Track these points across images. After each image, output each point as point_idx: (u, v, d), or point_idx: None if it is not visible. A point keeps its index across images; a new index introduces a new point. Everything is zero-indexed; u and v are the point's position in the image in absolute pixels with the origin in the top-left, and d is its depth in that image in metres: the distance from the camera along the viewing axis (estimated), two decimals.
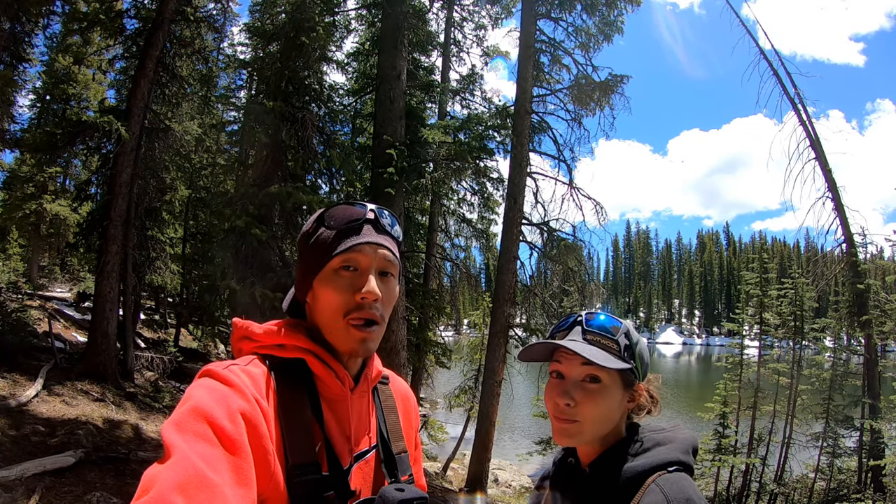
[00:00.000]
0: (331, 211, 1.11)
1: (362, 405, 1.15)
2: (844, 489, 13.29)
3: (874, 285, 14.26)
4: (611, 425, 1.24)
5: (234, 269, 9.01)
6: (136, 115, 10.67)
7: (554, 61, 12.19)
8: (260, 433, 0.89)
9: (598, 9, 12.07)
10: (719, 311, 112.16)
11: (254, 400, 0.91)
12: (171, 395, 11.32)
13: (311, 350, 1.05)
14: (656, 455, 1.17)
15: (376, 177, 9.74)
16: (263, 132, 9.47)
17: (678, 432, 1.25)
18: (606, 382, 1.21)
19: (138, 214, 12.13)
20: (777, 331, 15.06)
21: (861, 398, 13.75)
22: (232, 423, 0.85)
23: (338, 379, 1.07)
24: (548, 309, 11.96)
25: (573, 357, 1.22)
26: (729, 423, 13.75)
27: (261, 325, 1.08)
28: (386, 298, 1.09)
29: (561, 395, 1.21)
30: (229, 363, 0.99)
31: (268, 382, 0.98)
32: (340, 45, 13.48)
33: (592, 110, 11.79)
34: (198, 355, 17.29)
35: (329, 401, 1.07)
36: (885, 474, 12.35)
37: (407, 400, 1.35)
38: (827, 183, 15.28)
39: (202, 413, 0.84)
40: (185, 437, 0.81)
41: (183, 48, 12.15)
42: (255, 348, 1.05)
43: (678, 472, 1.14)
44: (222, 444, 0.82)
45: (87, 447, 7.03)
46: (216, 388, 0.90)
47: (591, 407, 1.20)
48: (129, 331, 11.67)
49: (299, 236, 1.17)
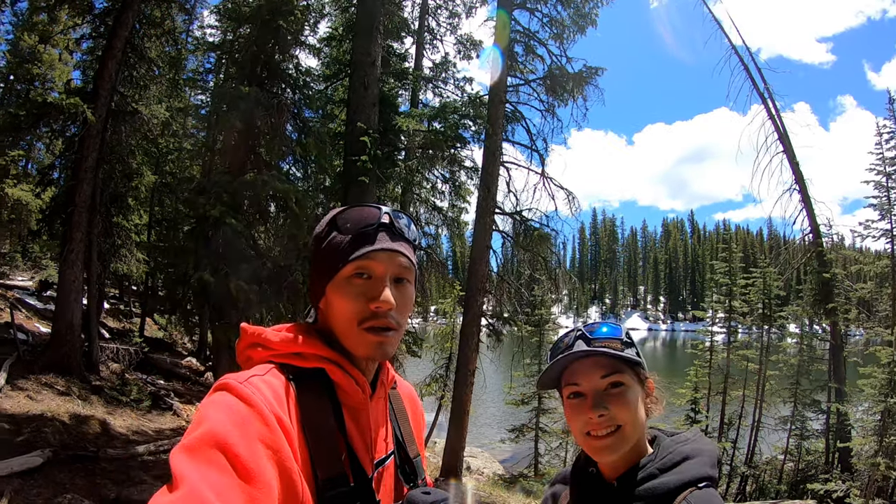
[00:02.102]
0: (344, 214, 1.07)
1: (379, 411, 1.12)
2: (812, 470, 13.87)
3: (839, 274, 14.87)
4: (643, 427, 1.24)
5: (206, 259, 8.86)
6: (103, 98, 10.35)
7: (528, 51, 12.24)
8: (283, 457, 0.84)
9: (573, 1, 12.14)
10: (684, 298, 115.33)
11: (274, 420, 0.86)
12: (137, 387, 11.10)
13: (331, 358, 1.02)
14: (687, 471, 1.16)
15: (349, 164, 9.62)
16: (237, 118, 9.26)
17: (702, 443, 1.24)
18: (628, 383, 1.21)
19: (103, 200, 11.79)
20: (746, 318, 15.57)
21: (827, 382, 14.43)
22: (248, 451, 0.80)
23: (358, 386, 1.04)
24: (519, 297, 12.11)
25: (591, 371, 1.21)
26: (700, 409, 14.21)
27: (275, 332, 1.03)
28: (401, 305, 1.05)
29: (591, 408, 1.19)
30: (249, 374, 0.93)
31: (289, 395, 0.94)
32: (315, 28, 13.28)
33: (566, 101, 11.90)
34: (163, 345, 17.00)
35: (350, 409, 1.04)
36: (852, 455, 12.86)
37: (414, 402, 1.33)
38: (794, 175, 15.84)
39: (216, 438, 0.79)
40: (196, 465, 0.76)
41: (152, 29, 11.83)
42: (270, 357, 1.00)
43: (708, 487, 1.14)
44: (237, 472, 0.77)
45: (55, 445, 6.89)
46: (234, 408, 0.85)
47: (625, 410, 1.19)
48: (93, 321, 11.38)
49: (311, 239, 1.13)
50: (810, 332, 15.80)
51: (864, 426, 12.86)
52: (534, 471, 14.66)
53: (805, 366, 14.65)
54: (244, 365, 1.04)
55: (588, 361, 1.22)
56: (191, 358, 16.29)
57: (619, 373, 1.21)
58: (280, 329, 1.05)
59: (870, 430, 12.12)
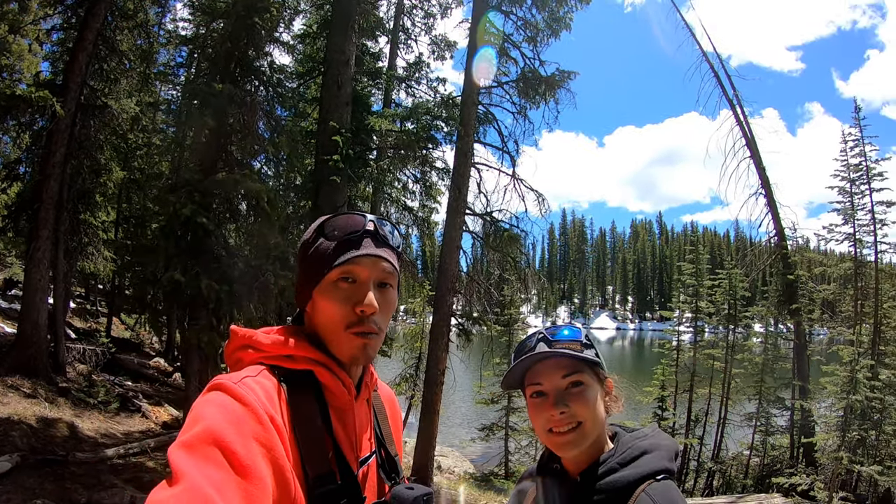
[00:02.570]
0: (332, 221, 1.12)
1: (363, 412, 1.17)
2: (777, 464, 14.19)
3: (803, 275, 15.30)
4: (603, 424, 1.31)
5: (177, 258, 8.73)
6: (73, 91, 10.13)
7: (502, 54, 12.29)
8: (276, 455, 0.88)
9: (548, 4, 12.22)
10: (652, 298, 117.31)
11: (268, 419, 0.89)
12: (105, 388, 10.88)
13: (320, 361, 1.05)
14: (645, 464, 1.22)
15: (321, 164, 9.56)
16: (209, 115, 9.13)
17: (661, 438, 1.30)
18: (587, 382, 1.28)
19: (71, 197, 11.51)
20: (712, 318, 15.91)
21: (791, 380, 14.81)
22: (244, 448, 0.83)
23: (344, 388, 1.08)
24: (489, 297, 12.18)
25: (552, 371, 1.28)
26: (667, 406, 14.47)
27: (266, 335, 1.07)
28: (384, 309, 1.10)
29: (552, 406, 1.26)
30: (242, 375, 0.97)
31: (280, 396, 0.97)
32: (290, 25, 13.15)
33: (538, 103, 11.97)
34: (131, 346, 16.69)
35: (336, 409, 1.08)
36: (816, 450, 13.26)
37: (393, 404, 1.38)
38: (760, 179, 16.24)
39: (213, 435, 0.82)
40: (195, 461, 0.78)
41: (124, 21, 11.63)
42: (261, 358, 1.04)
43: (665, 479, 1.20)
44: (234, 468, 0.80)
45: (24, 450, 6.77)
46: (229, 407, 0.88)
47: (585, 407, 1.26)
48: (59, 321, 11.12)
49: (299, 245, 1.17)
50: (775, 332, 16.21)
51: (827, 422, 13.23)
52: (504, 469, 14.76)
53: (770, 364, 15.03)
54: (234, 366, 1.07)
55: (549, 362, 1.29)
56: (159, 358, 16.02)
57: (579, 372, 1.28)
58: (270, 332, 1.08)
59: (833, 426, 12.48)
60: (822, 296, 15.55)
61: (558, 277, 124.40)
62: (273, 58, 11.04)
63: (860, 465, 11.13)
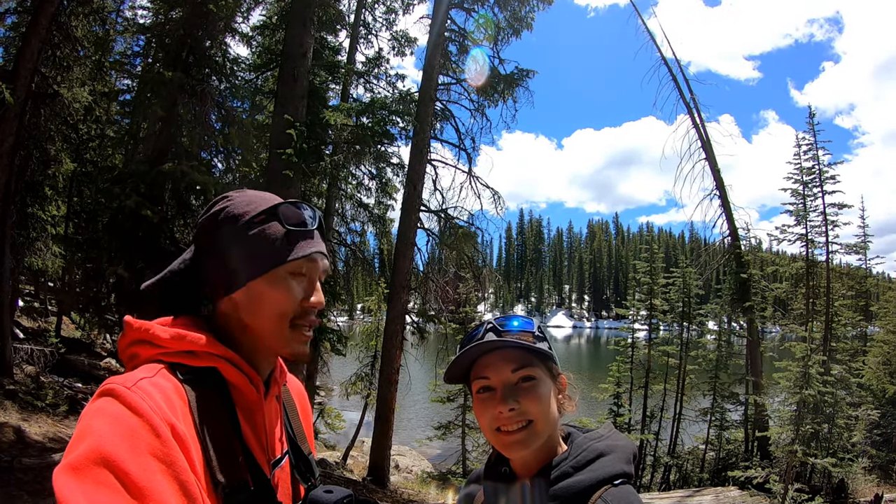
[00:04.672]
0: (282, 208, 1.04)
1: (272, 410, 1.09)
2: (733, 458, 14.54)
3: (755, 274, 15.67)
4: (555, 424, 1.21)
5: (121, 253, 8.48)
6: (24, 78, 9.63)
7: (462, 51, 12.36)
8: (178, 470, 0.78)
9: (510, 3, 12.29)
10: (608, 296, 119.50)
11: (167, 430, 0.80)
12: (54, 391, 10.52)
13: (225, 356, 0.97)
14: (601, 468, 1.13)
15: (274, 157, 9.39)
16: (159, 104, 8.88)
17: (617, 439, 1.21)
18: (539, 377, 1.18)
19: (19, 189, 11.10)
20: (666, 315, 16.20)
21: (745, 376, 15.13)
22: (139, 467, 0.74)
23: (252, 385, 1.00)
24: (444, 295, 12.18)
25: (501, 364, 1.17)
26: (623, 402, 14.63)
27: (164, 328, 0.96)
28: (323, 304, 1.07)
29: (501, 402, 1.15)
30: (137, 377, 0.86)
31: (181, 398, 0.88)
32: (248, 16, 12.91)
33: (496, 101, 12.10)
34: (82, 346, 16.11)
35: (244, 409, 0.99)
36: (770, 444, 13.62)
37: (302, 397, 1.31)
38: (715, 181, 16.61)
39: (103, 454, 0.73)
40: (82, 487, 0.71)
41: (80, 6, 11.16)
42: (158, 355, 0.94)
43: (623, 484, 1.11)
44: (129, 491, 0.72)
45: None
46: (121, 418, 0.78)
47: (536, 403, 1.15)
48: (6, 320, 10.68)
49: (225, 219, 1.03)
50: (728, 329, 16.55)
51: (780, 416, 13.49)
52: (462, 468, 14.76)
53: (723, 360, 15.32)
54: (128, 363, 0.97)
55: (498, 354, 1.18)
56: (110, 359, 15.53)
57: (530, 366, 1.17)
58: (166, 322, 0.99)
59: (786, 420, 12.72)
60: (775, 294, 16.00)
61: (515, 276, 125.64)
62: (229, 48, 10.85)
63: (814, 457, 11.41)
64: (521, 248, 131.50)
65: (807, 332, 13.69)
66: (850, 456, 12.71)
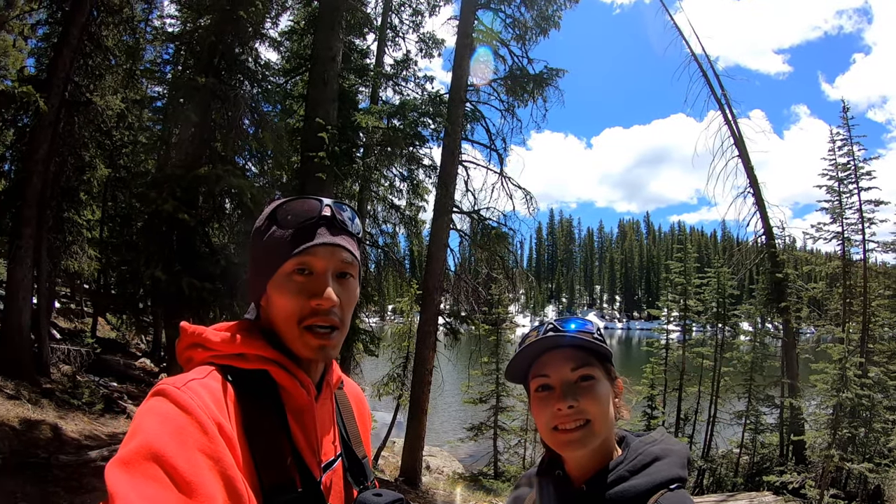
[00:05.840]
0: (285, 206, 1.03)
1: (325, 413, 1.09)
2: (767, 462, 14.27)
3: (791, 274, 15.36)
4: (612, 425, 1.19)
5: (158, 256, 8.61)
6: (57, 87, 9.93)
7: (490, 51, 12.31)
8: (225, 466, 0.80)
9: (537, 2, 12.24)
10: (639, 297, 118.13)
11: (214, 428, 0.82)
12: (90, 390, 10.71)
13: (274, 359, 0.98)
14: (657, 472, 1.12)
15: (306, 160, 9.49)
16: (192, 110, 9.02)
17: (671, 443, 1.20)
18: (598, 376, 1.18)
19: (54, 195, 11.36)
20: (700, 316, 15.96)
21: (780, 378, 14.87)
22: (187, 462, 0.76)
23: (302, 388, 1.00)
24: (476, 296, 12.15)
25: (560, 363, 1.17)
26: (657, 405, 14.49)
27: (216, 332, 0.99)
28: (345, 301, 1.03)
29: (559, 399, 1.14)
30: (187, 378, 0.88)
31: (230, 399, 0.90)
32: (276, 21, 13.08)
33: (525, 101, 12.03)
34: (117, 346, 16.46)
35: (294, 411, 1.00)
36: (806, 448, 13.35)
37: (361, 402, 1.30)
38: (749, 179, 16.31)
39: (152, 450, 0.75)
40: (132, 480, 0.73)
41: (110, 16, 11.44)
42: (210, 358, 0.96)
43: (679, 489, 1.10)
44: (176, 486, 0.73)
45: (4, 452, 6.61)
46: (170, 416, 0.80)
47: (594, 403, 1.15)
48: (43, 321, 10.96)
49: (252, 232, 1.08)
50: (763, 330, 16.21)
51: (816, 420, 13.23)
52: (493, 469, 14.74)
53: (758, 362, 15.04)
54: (185, 366, 1.00)
55: (557, 353, 1.18)
56: (145, 359, 15.85)
57: (589, 366, 1.17)
58: (220, 328, 1.01)
59: (822, 424, 12.49)
60: (810, 294, 15.64)
61: (546, 277, 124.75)
62: (259, 53, 10.97)
63: (850, 462, 11.17)
64: (551, 248, 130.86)
65: (843, 333, 13.38)
66: (887, 461, 12.36)
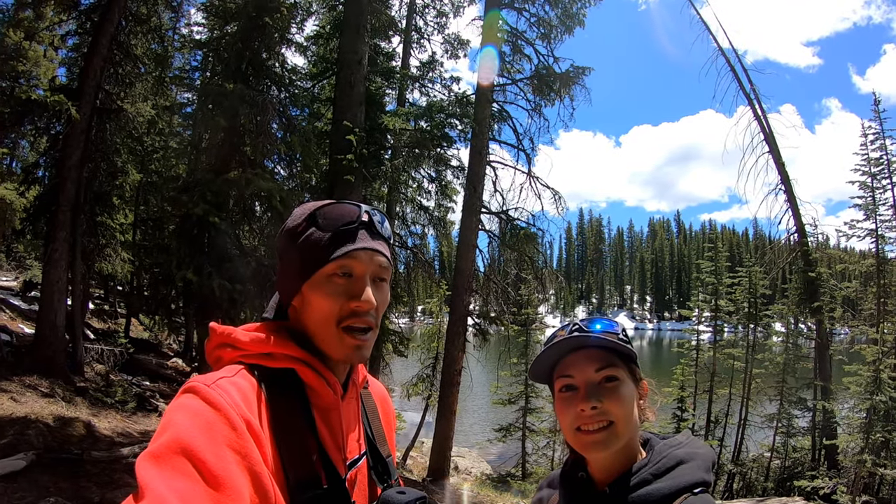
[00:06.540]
0: (323, 210, 1.05)
1: (351, 412, 1.11)
2: (799, 467, 13.98)
3: (824, 273, 15.00)
4: (636, 427, 1.18)
5: (190, 258, 8.77)
6: (88, 95, 10.20)
7: (515, 51, 12.28)
8: (252, 462, 0.82)
9: (561, 1, 12.18)
10: (670, 297, 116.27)
11: (243, 424, 0.84)
12: (122, 388, 10.95)
13: (302, 359, 1.00)
14: (681, 476, 1.11)
15: (335, 163, 9.58)
16: (221, 115, 9.17)
17: (696, 447, 1.18)
18: (622, 377, 1.17)
19: (87, 199, 11.65)
20: (731, 317, 15.69)
21: (813, 380, 14.54)
22: (216, 457, 0.78)
23: (329, 387, 1.03)
24: (506, 296, 12.12)
25: (585, 363, 1.17)
26: (687, 407, 14.31)
27: (244, 332, 1.01)
28: (380, 304, 1.05)
29: (583, 400, 1.14)
30: (217, 376, 0.91)
31: (259, 396, 0.92)
32: (302, 27, 13.21)
33: (552, 100, 11.96)
34: (149, 346, 16.82)
35: (320, 409, 1.02)
36: (838, 452, 13.04)
37: (385, 402, 1.32)
38: (780, 175, 15.97)
39: (182, 444, 0.77)
40: (161, 473, 0.75)
41: (138, 25, 11.69)
42: (239, 357, 0.99)
43: (703, 493, 1.09)
44: (205, 479, 0.75)
45: (39, 448, 6.76)
46: (200, 412, 0.83)
47: (618, 404, 1.14)
48: (77, 322, 11.24)
49: (283, 232, 1.09)
50: (796, 331, 15.88)
51: (849, 423, 12.97)
52: (521, 470, 14.69)
53: (791, 364, 14.76)
54: (214, 365, 1.02)
55: (582, 354, 1.18)
56: (177, 359, 16.15)
57: (613, 367, 1.17)
58: (250, 328, 1.03)
59: (856, 428, 12.23)
60: (844, 294, 15.27)
61: (576, 277, 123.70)
62: (285, 58, 11.10)
63: (884, 468, 10.91)
64: (581, 248, 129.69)
65: (878, 333, 13.01)
66: None
